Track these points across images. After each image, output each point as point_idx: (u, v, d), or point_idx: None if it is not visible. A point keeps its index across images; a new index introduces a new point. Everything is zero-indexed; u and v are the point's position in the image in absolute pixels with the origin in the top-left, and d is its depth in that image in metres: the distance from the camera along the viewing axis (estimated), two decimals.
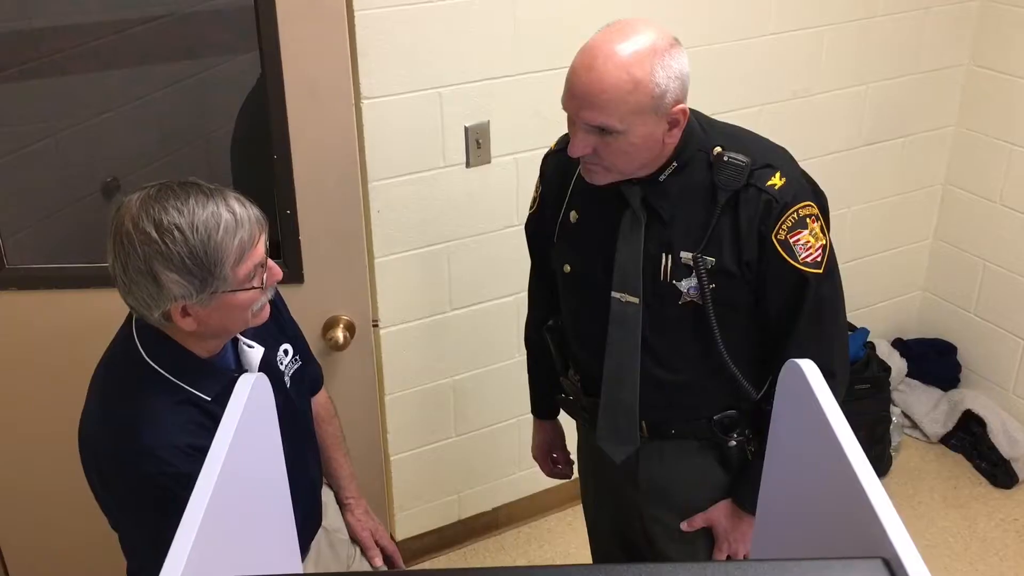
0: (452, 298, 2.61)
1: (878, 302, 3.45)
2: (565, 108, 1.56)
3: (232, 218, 1.42)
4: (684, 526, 1.87)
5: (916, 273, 3.50)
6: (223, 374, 1.56)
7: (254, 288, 1.48)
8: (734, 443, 1.79)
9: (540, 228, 1.86)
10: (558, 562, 2.92)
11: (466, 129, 2.41)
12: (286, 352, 1.73)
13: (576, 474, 2.15)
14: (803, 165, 1.74)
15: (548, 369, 1.97)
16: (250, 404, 1.06)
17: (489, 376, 2.75)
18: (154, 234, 1.38)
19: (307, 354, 1.84)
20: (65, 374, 2.29)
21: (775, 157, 1.65)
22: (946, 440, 3.37)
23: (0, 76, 2.21)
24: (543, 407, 2.09)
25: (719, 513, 1.85)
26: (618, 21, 1.53)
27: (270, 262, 1.51)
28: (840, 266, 1.74)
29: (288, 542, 1.25)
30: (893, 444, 3.26)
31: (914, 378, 3.49)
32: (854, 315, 3.35)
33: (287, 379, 1.72)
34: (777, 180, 1.61)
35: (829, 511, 1.01)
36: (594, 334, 1.75)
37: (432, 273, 2.54)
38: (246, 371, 1.60)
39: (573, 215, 1.76)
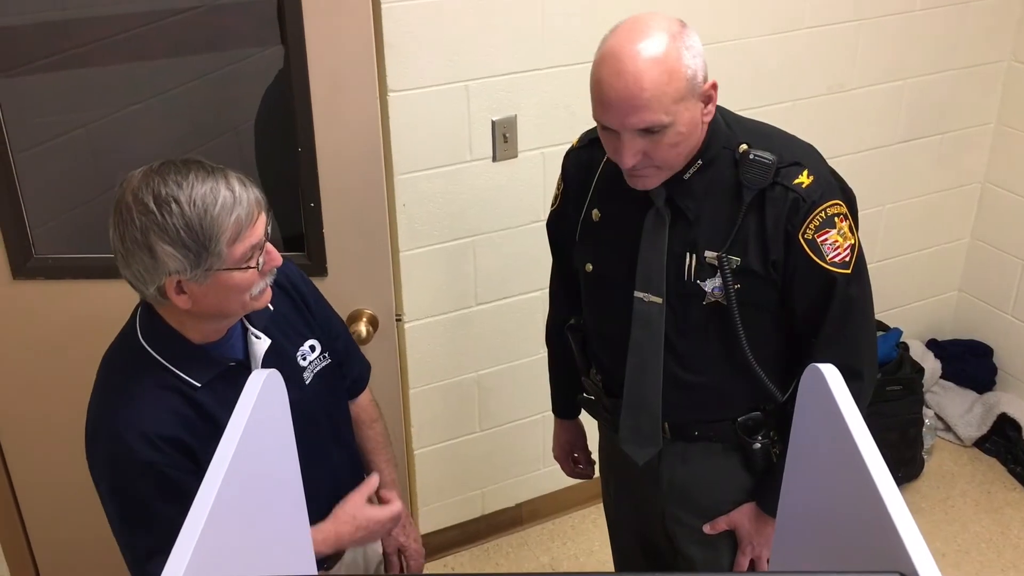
0: (477, 293, 2.60)
1: (912, 302, 3.39)
2: (603, 122, 1.52)
3: (231, 195, 1.42)
4: (707, 528, 1.84)
5: (952, 273, 3.43)
6: (218, 362, 1.55)
7: (251, 269, 1.46)
8: (758, 445, 1.76)
9: (562, 226, 1.84)
10: (581, 559, 2.91)
11: (493, 123, 2.39)
12: (312, 348, 1.71)
13: (597, 473, 2.13)
14: (837, 162, 1.71)
15: (569, 369, 1.95)
16: (261, 402, 1.05)
17: (514, 372, 2.74)
18: (152, 205, 1.39)
19: (345, 354, 1.82)
20: (90, 364, 2.31)
21: (802, 154, 1.61)
22: (980, 444, 3.30)
23: (31, 67, 2.22)
24: (564, 407, 2.08)
25: (742, 516, 1.82)
26: (623, 24, 1.51)
27: (269, 247, 1.50)
28: (874, 265, 1.71)
29: (301, 544, 1.24)
30: (926, 447, 3.20)
31: (948, 380, 3.43)
32: (887, 315, 3.30)
33: (308, 375, 1.70)
34: (804, 178, 1.58)
35: (847, 520, 0.99)
36: (616, 334, 1.72)
37: (457, 268, 2.53)
38: (250, 361, 1.59)
39: (595, 214, 1.73)
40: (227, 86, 2.38)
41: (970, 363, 3.40)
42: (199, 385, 1.52)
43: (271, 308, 1.62)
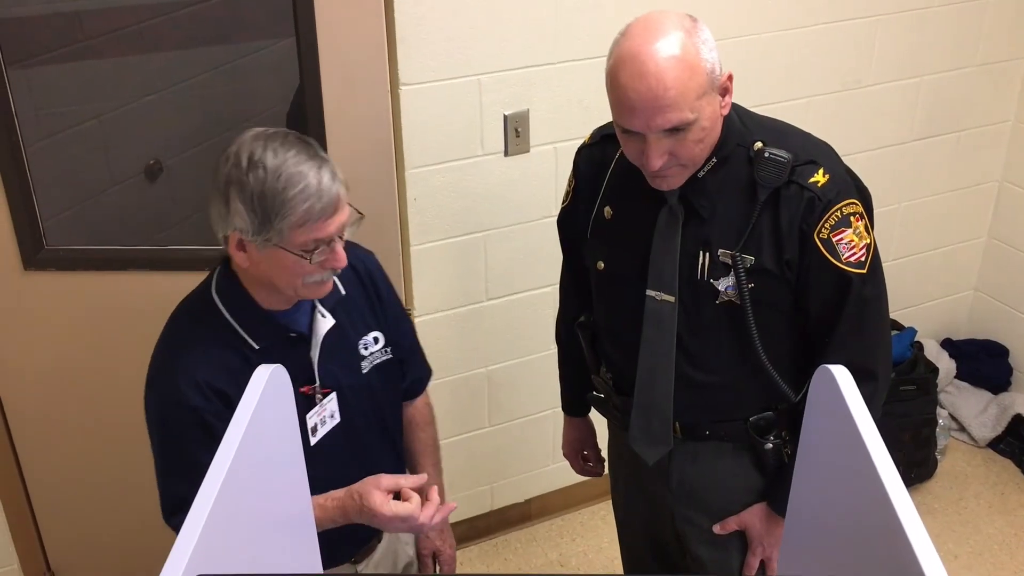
0: (488, 287, 2.59)
1: (927, 301, 3.36)
2: (628, 126, 1.49)
3: (314, 185, 1.45)
4: (717, 529, 1.83)
5: (968, 272, 3.40)
6: (280, 329, 1.59)
7: (304, 258, 1.48)
8: (770, 445, 1.75)
9: (573, 223, 1.82)
10: (590, 556, 2.90)
11: (505, 117, 2.38)
12: (376, 340, 1.73)
13: (607, 471, 2.12)
14: (852, 159, 1.69)
15: (579, 366, 1.94)
16: (266, 395, 1.04)
17: (525, 367, 2.73)
18: (243, 163, 1.45)
19: (410, 355, 1.84)
20: (101, 354, 2.32)
21: (818, 153, 1.59)
22: (994, 444, 3.28)
23: (45, 58, 2.23)
24: (574, 404, 2.06)
25: (753, 516, 1.81)
26: (634, 25, 1.49)
27: (338, 247, 1.52)
28: (889, 263, 1.69)
29: (305, 537, 1.23)
30: (939, 447, 3.17)
31: (963, 380, 3.40)
32: (902, 314, 3.27)
33: (367, 365, 1.72)
34: (820, 177, 1.56)
35: (857, 523, 0.99)
36: (628, 333, 1.71)
37: (468, 262, 2.52)
38: (312, 336, 1.63)
39: (607, 211, 1.72)
40: (240, 78, 2.37)
41: (985, 363, 3.38)
42: (257, 347, 1.57)
43: (343, 291, 1.67)
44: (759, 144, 1.57)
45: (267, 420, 1.06)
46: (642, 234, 1.65)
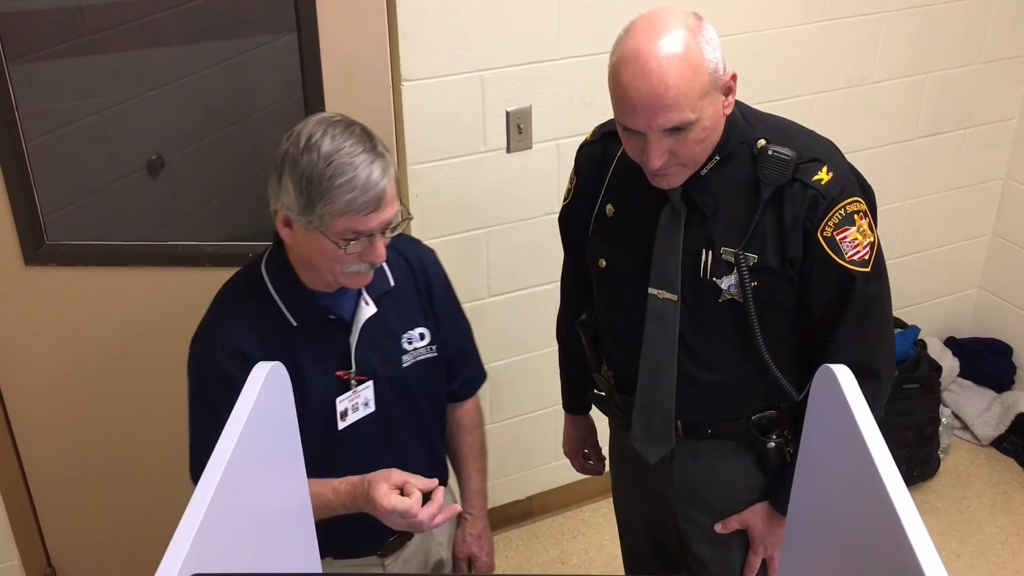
0: (490, 284, 2.58)
1: (931, 299, 3.35)
2: (629, 125, 1.49)
3: (361, 178, 1.46)
4: (719, 528, 1.82)
5: (972, 270, 3.39)
6: (320, 310, 1.62)
7: (340, 247, 1.50)
8: (772, 444, 1.74)
9: (575, 220, 1.81)
10: (591, 553, 2.90)
11: (507, 113, 2.37)
12: (422, 336, 1.73)
13: (608, 469, 2.11)
14: (856, 156, 1.68)
15: (581, 364, 1.93)
16: (263, 393, 1.04)
17: (526, 364, 2.72)
18: (301, 144, 1.48)
19: (463, 356, 1.85)
20: (102, 350, 2.31)
21: (821, 150, 1.58)
22: (997, 444, 3.27)
23: (47, 52, 2.22)
24: (575, 402, 2.06)
25: (755, 516, 1.80)
26: (638, 22, 1.48)
27: (379, 243, 1.53)
28: (893, 261, 1.68)
29: (304, 535, 1.23)
30: (942, 446, 3.17)
31: (966, 378, 3.39)
32: (905, 312, 3.26)
33: (409, 359, 1.72)
34: (824, 175, 1.55)
35: (858, 523, 0.99)
36: (629, 331, 1.70)
37: (470, 259, 2.51)
38: (353, 323, 1.65)
39: (609, 209, 1.71)
40: (242, 74, 2.37)
41: (989, 362, 3.37)
42: (295, 324, 1.61)
43: (392, 283, 1.69)
44: (762, 142, 1.56)
45: (265, 418, 1.06)
46: (644, 232, 1.64)
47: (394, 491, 1.56)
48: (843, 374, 1.04)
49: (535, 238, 2.54)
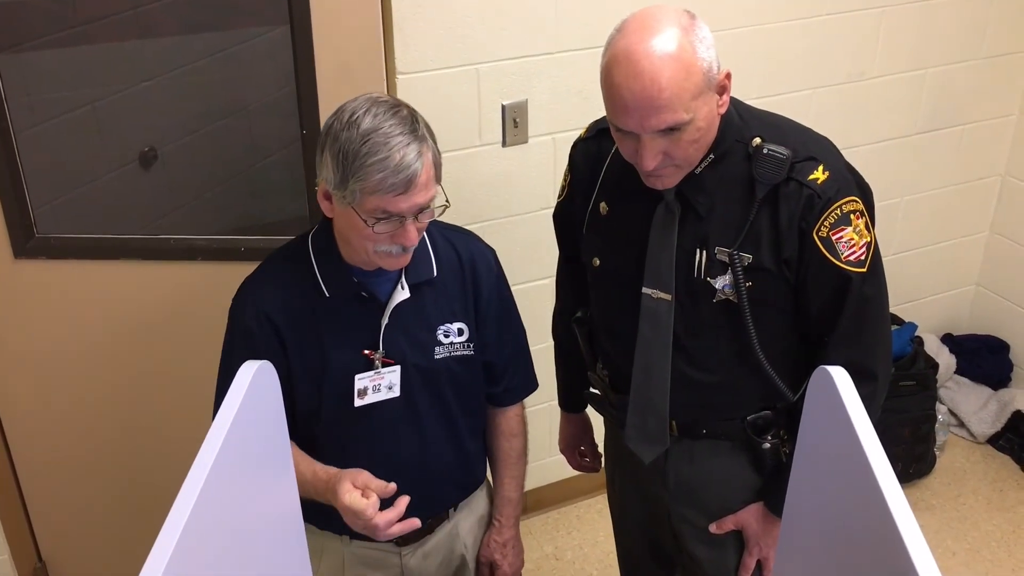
0: None
1: (928, 296, 3.34)
2: (621, 126, 1.47)
3: (396, 159, 1.46)
4: (713, 528, 1.81)
5: (970, 267, 3.38)
6: (354, 286, 1.63)
7: (368, 225, 1.51)
8: (768, 445, 1.72)
9: (569, 218, 1.80)
10: (585, 549, 2.89)
11: (503, 107, 2.35)
12: (460, 331, 1.72)
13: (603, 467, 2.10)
14: (854, 152, 1.66)
15: (576, 362, 1.92)
16: (250, 394, 1.02)
17: None
18: (345, 119, 1.50)
19: (510, 361, 1.82)
20: (92, 343, 2.30)
21: (818, 149, 1.56)
22: (993, 441, 3.26)
23: (38, 43, 2.20)
24: (571, 400, 2.04)
25: (750, 516, 1.79)
26: (630, 21, 1.45)
27: (411, 227, 1.53)
28: (890, 257, 1.66)
29: (293, 538, 1.22)
30: (938, 443, 3.16)
31: (963, 375, 3.38)
32: (902, 309, 3.25)
33: (441, 352, 1.70)
34: (820, 174, 1.53)
35: (852, 524, 0.99)
36: (624, 330, 1.68)
37: None
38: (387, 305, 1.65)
39: (603, 207, 1.69)
40: (234, 65, 2.35)
41: (986, 359, 3.36)
42: (327, 295, 1.63)
43: (435, 272, 1.69)
44: (758, 140, 1.54)
45: (252, 419, 1.04)
46: (638, 231, 1.62)
47: (356, 491, 1.54)
48: (839, 376, 1.03)
49: (531, 232, 2.52)
